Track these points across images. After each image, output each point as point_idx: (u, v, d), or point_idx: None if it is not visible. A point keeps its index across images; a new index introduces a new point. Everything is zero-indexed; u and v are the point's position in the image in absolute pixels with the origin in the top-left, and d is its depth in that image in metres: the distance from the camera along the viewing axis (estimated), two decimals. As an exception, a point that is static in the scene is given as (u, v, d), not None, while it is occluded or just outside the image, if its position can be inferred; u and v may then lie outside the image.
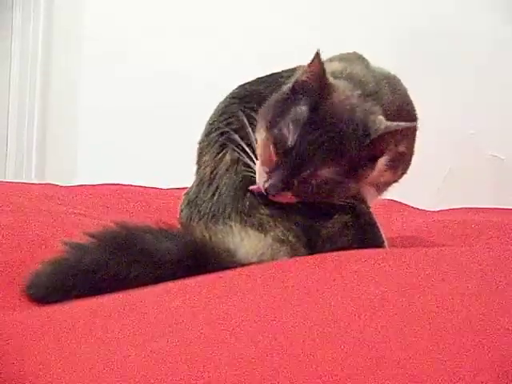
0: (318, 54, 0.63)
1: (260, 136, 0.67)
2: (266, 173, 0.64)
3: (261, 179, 0.65)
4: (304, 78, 0.66)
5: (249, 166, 0.68)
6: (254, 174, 0.68)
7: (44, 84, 2.55)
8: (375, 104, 0.68)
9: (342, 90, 0.67)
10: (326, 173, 0.63)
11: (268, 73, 0.81)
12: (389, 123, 0.65)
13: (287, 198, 0.65)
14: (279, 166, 0.63)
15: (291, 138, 0.63)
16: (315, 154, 0.62)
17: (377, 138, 0.64)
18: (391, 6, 2.03)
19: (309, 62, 0.65)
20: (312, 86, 0.65)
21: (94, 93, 2.45)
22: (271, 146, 0.64)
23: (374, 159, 0.67)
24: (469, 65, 1.94)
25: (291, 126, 0.63)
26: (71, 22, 2.54)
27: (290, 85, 0.68)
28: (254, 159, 0.68)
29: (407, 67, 1.66)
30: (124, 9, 2.44)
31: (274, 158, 0.64)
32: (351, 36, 1.97)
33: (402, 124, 0.65)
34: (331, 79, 0.67)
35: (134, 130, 2.36)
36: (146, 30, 2.37)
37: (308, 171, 0.63)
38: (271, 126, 0.65)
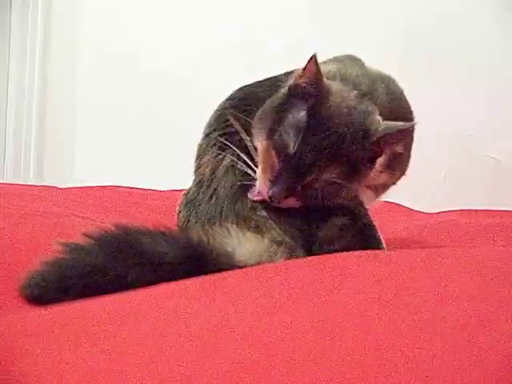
0: (313, 57, 0.63)
1: (260, 144, 0.67)
2: (269, 180, 0.65)
3: (263, 187, 0.65)
4: (300, 82, 0.65)
5: (245, 171, 0.69)
6: (251, 178, 0.68)
7: (42, 84, 2.55)
8: (371, 104, 0.68)
9: (339, 92, 0.67)
10: (329, 177, 0.63)
11: (267, 74, 0.82)
12: (388, 124, 0.65)
13: (291, 203, 0.65)
14: (282, 173, 0.63)
15: (292, 145, 0.63)
16: (317, 160, 0.62)
17: (376, 139, 0.64)
18: (391, 6, 2.04)
19: (304, 65, 0.64)
20: (309, 90, 0.65)
21: (92, 93, 2.45)
22: (273, 154, 0.64)
23: (373, 159, 0.67)
24: (468, 65, 1.94)
25: (291, 133, 0.63)
26: (69, 22, 2.54)
27: (285, 89, 0.68)
28: (252, 165, 0.68)
29: (406, 67, 1.67)
30: (124, 6, 2.44)
31: (277, 166, 0.64)
32: (351, 36, 1.98)
33: (401, 124, 0.65)
34: (326, 81, 0.67)
35: (133, 131, 2.36)
36: (145, 28, 2.37)
37: (311, 177, 0.63)
38: (270, 133, 0.65)
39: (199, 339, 0.34)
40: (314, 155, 0.62)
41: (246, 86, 0.80)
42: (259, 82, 0.80)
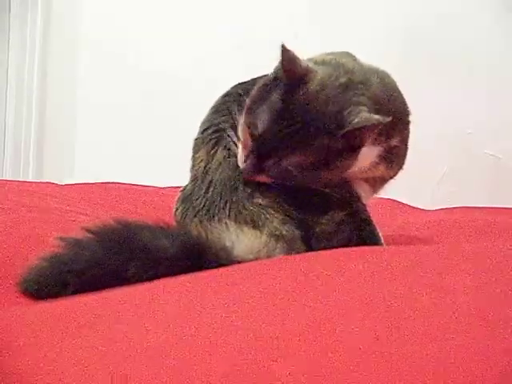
0: (283, 47, 0.64)
1: (241, 119, 0.69)
2: (244, 155, 0.67)
3: (240, 161, 0.68)
4: (278, 70, 0.67)
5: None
6: None
7: (42, 84, 2.55)
8: (360, 94, 0.67)
9: (322, 79, 0.66)
10: (291, 162, 0.64)
11: (266, 73, 0.82)
12: (367, 116, 0.64)
13: (263, 179, 0.67)
14: (252, 151, 0.66)
15: (261, 126, 0.65)
16: (280, 144, 0.64)
17: (352, 130, 0.63)
18: (391, 6, 2.04)
19: (279, 56, 0.66)
20: (285, 77, 0.66)
21: (92, 93, 2.45)
22: (246, 131, 0.67)
23: (352, 150, 0.66)
24: (468, 65, 1.95)
25: (264, 114, 0.65)
26: (69, 22, 2.54)
27: (273, 72, 0.70)
28: None
29: (406, 67, 1.67)
30: (124, 6, 2.44)
31: (249, 143, 0.66)
32: (351, 36, 1.98)
33: (380, 118, 0.63)
34: (314, 66, 0.68)
35: (133, 131, 2.36)
36: (145, 28, 2.37)
37: (273, 160, 0.65)
38: (249, 110, 0.67)
39: (198, 334, 0.34)
40: (277, 140, 0.64)
41: (241, 83, 0.81)
42: (254, 79, 0.80)
